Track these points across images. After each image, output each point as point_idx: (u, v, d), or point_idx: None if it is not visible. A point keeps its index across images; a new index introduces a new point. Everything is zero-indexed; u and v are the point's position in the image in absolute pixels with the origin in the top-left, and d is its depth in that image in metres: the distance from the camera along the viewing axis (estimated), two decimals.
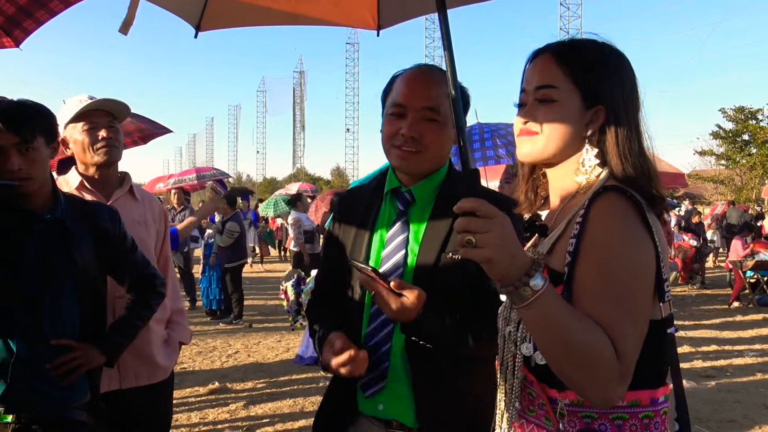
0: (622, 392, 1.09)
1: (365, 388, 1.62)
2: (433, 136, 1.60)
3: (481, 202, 1.03)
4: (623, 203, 1.12)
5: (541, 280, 1.03)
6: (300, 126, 78.94)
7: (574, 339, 1.03)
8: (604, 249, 1.10)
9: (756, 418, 4.82)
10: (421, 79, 1.63)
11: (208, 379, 5.89)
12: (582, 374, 1.05)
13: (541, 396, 1.20)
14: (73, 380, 1.95)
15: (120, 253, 2.13)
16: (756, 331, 8.22)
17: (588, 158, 1.23)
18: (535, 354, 1.18)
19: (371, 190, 1.79)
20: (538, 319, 1.05)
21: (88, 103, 2.28)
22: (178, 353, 2.55)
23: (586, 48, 1.26)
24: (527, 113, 1.26)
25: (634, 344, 1.08)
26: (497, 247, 1.01)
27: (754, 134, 27.44)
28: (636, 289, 1.10)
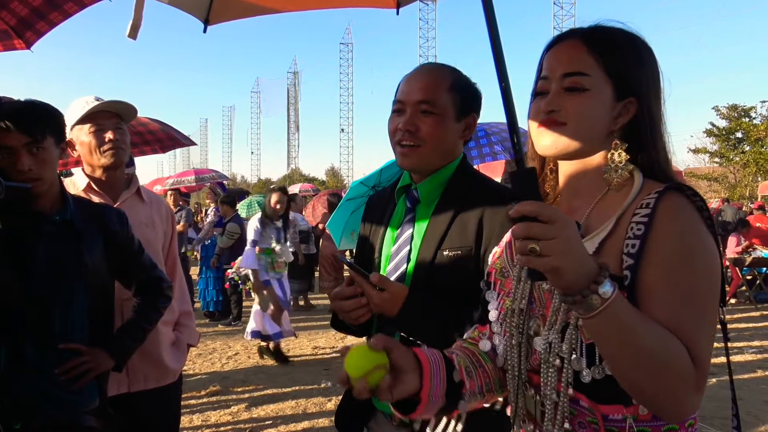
0: (699, 402, 1.01)
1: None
2: (429, 129, 1.60)
3: (542, 205, 0.93)
4: (689, 205, 1.07)
5: (610, 286, 0.94)
6: (294, 126, 78.85)
7: (648, 347, 0.95)
8: (677, 253, 1.03)
9: (759, 415, 4.84)
10: (419, 75, 1.66)
11: (208, 382, 5.86)
12: (657, 385, 0.97)
13: (587, 414, 1.10)
14: (83, 385, 1.93)
15: (128, 256, 2.12)
16: (754, 327, 8.26)
17: (618, 153, 1.16)
18: (591, 369, 1.07)
19: (391, 189, 1.82)
20: (607, 328, 0.95)
21: (94, 105, 2.26)
22: (186, 355, 2.53)
23: (618, 36, 1.18)
24: (552, 102, 1.16)
25: (709, 349, 1.02)
26: (564, 255, 0.91)
27: (747, 132, 27.63)
28: (708, 291, 1.04)
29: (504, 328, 1.22)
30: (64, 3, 2.03)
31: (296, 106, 78.89)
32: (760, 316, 9.07)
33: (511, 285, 1.24)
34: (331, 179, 62.64)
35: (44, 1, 2.00)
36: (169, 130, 6.01)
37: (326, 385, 5.68)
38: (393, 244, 1.70)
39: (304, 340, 7.70)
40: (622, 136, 1.17)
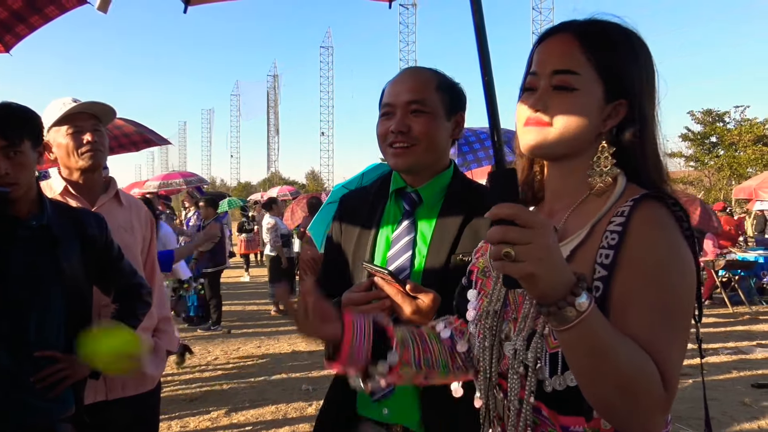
0: (663, 421, 0.99)
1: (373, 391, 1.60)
2: (421, 128, 1.59)
3: (520, 208, 0.88)
4: (667, 214, 1.01)
5: (587, 299, 0.89)
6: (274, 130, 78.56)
7: (619, 365, 0.90)
8: (651, 266, 0.98)
9: (734, 415, 4.91)
10: (406, 77, 1.66)
11: (187, 387, 5.80)
12: (625, 403, 0.93)
13: (548, 424, 1.07)
14: (59, 393, 1.90)
15: (106, 261, 2.09)
16: (730, 329, 8.39)
17: (604, 157, 1.10)
18: (553, 379, 1.03)
19: (375, 190, 1.78)
20: (581, 342, 0.91)
21: (72, 106, 2.22)
22: (166, 362, 2.50)
23: (614, 32, 1.11)
24: (539, 100, 1.10)
25: (679, 369, 0.97)
26: (541, 261, 0.86)
27: (721, 136, 28.12)
28: (683, 310, 0.99)
29: (479, 329, 1.19)
30: (45, 6, 1.99)
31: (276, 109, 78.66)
32: (735, 318, 9.22)
33: (491, 285, 1.21)
34: (312, 183, 62.45)
35: (25, 4, 1.96)
36: (143, 131, 5.94)
37: (307, 389, 5.66)
38: (388, 248, 1.65)
39: (284, 344, 7.66)
40: (610, 138, 1.11)
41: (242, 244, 15.97)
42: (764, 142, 26.60)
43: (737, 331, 8.27)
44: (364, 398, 1.61)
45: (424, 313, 1.41)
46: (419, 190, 1.66)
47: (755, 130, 26.78)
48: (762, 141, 26.59)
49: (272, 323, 9.19)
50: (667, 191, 1.08)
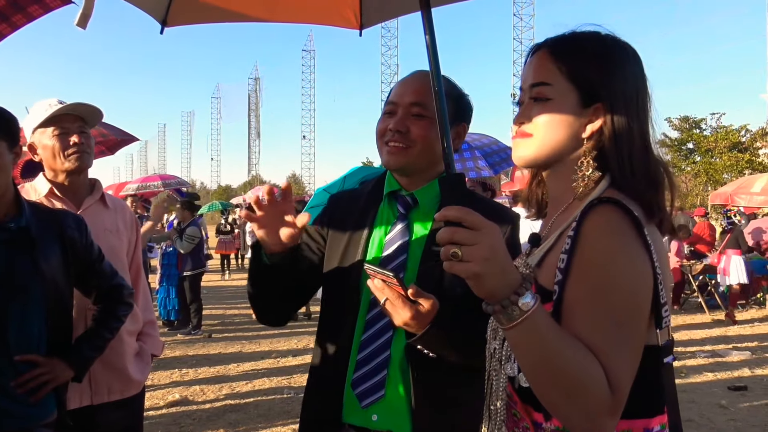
0: (613, 426, 0.98)
1: (361, 397, 1.57)
2: (420, 131, 1.59)
3: (466, 211, 0.94)
4: (619, 218, 1.01)
5: (531, 298, 0.93)
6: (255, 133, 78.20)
7: (564, 366, 0.93)
8: (597, 269, 0.99)
9: (711, 417, 4.99)
10: (413, 79, 1.67)
11: (167, 392, 5.74)
12: (570, 405, 0.95)
13: (525, 419, 1.11)
14: (41, 397, 1.87)
15: (87, 263, 2.06)
16: (706, 332, 8.53)
17: (585, 162, 1.12)
18: (519, 375, 1.08)
19: (367, 192, 1.75)
20: (525, 341, 0.95)
21: (59, 108, 2.20)
22: (150, 366, 2.48)
23: (586, 41, 1.15)
24: (522, 114, 1.17)
25: (629, 375, 0.99)
26: (486, 262, 0.91)
27: (698, 143, 28.59)
28: (632, 314, 1.00)
29: (488, 331, 1.24)
30: (28, 5, 1.96)
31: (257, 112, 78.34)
32: (712, 322, 9.37)
33: None
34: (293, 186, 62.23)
35: (7, 3, 1.93)
36: (110, 135, 5.82)
37: (289, 395, 5.63)
38: (381, 251, 1.62)
39: (266, 348, 7.62)
40: (595, 142, 1.13)
41: (219, 245, 16.38)
42: (740, 148, 27.11)
43: (714, 334, 8.40)
44: (352, 405, 1.59)
45: (422, 318, 1.39)
46: (415, 193, 1.66)
47: (731, 137, 27.28)
48: (737, 148, 27.10)
49: (253, 327, 9.13)
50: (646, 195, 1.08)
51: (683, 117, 30.01)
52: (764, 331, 8.57)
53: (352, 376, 1.58)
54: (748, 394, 5.62)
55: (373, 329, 1.59)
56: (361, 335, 1.60)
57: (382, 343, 1.57)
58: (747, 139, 27.57)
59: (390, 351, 1.56)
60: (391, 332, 1.56)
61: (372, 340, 1.59)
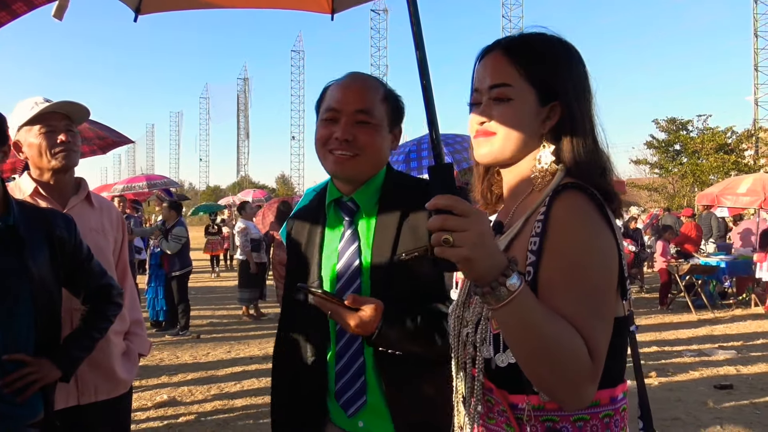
0: (594, 391, 1.07)
1: (346, 407, 1.59)
2: (366, 138, 1.59)
3: (456, 199, 0.98)
4: (584, 200, 1.11)
5: (517, 279, 0.99)
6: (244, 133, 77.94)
7: (549, 339, 1.01)
8: (569, 247, 1.08)
9: (698, 416, 5.03)
10: (354, 85, 1.64)
11: (155, 393, 5.71)
12: (556, 375, 1.02)
13: (501, 403, 1.17)
14: (27, 397, 1.86)
15: (76, 263, 2.05)
16: (692, 332, 8.60)
17: (544, 155, 1.21)
18: (496, 357, 1.14)
19: (315, 205, 1.77)
20: (513, 319, 1.01)
21: (45, 106, 2.18)
22: (138, 365, 2.46)
23: (538, 43, 1.23)
24: (483, 113, 1.23)
25: (605, 342, 1.07)
26: (476, 246, 0.96)
27: (684, 144, 28.79)
28: (603, 286, 1.09)
29: (452, 319, 1.29)
30: (13, 3, 1.94)
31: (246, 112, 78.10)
32: (698, 321, 9.45)
33: None
34: (282, 187, 62.08)
35: None
36: (105, 135, 5.79)
37: None
38: (338, 261, 1.63)
39: (254, 348, 7.60)
40: (552, 137, 1.22)
41: (207, 245, 16.86)
42: (726, 150, 27.33)
43: (700, 334, 8.48)
44: (338, 414, 1.62)
45: (368, 322, 1.43)
46: (354, 197, 1.65)
47: (717, 138, 27.49)
48: (723, 149, 27.31)
49: (242, 328, 9.11)
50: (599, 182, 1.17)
51: (670, 119, 30.24)
52: (749, 330, 8.66)
53: (334, 388, 1.61)
54: (733, 392, 5.67)
55: (344, 339, 1.61)
56: (336, 346, 1.62)
57: (355, 351, 1.59)
58: (733, 141, 27.80)
59: (363, 357, 1.59)
60: (360, 339, 1.57)
61: (345, 349, 1.61)
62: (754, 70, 35.66)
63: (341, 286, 1.60)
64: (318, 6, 2.22)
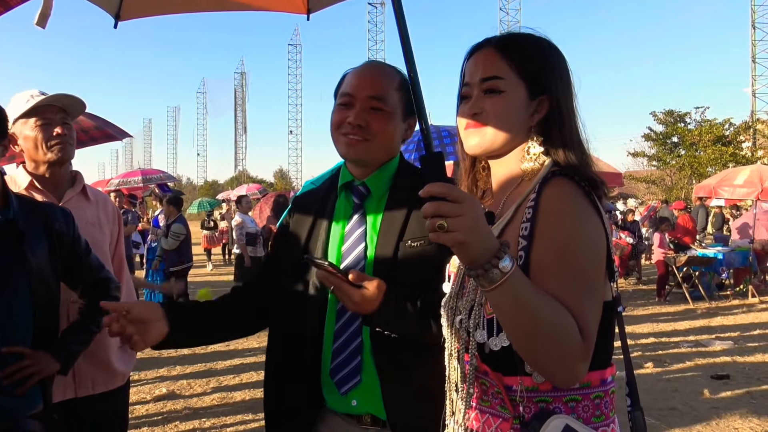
0: (585, 369, 1.11)
1: (340, 385, 1.61)
2: (379, 125, 1.61)
3: (449, 186, 1.02)
4: (572, 187, 1.16)
5: (509, 261, 1.03)
6: (242, 128, 77.81)
7: (542, 319, 1.04)
8: (559, 231, 1.12)
9: (695, 406, 5.06)
10: (369, 72, 1.68)
11: (154, 387, 5.73)
12: (550, 354, 1.06)
13: (495, 385, 1.20)
14: (26, 389, 1.87)
15: (74, 257, 2.06)
16: (690, 323, 8.64)
17: (533, 146, 1.26)
18: (490, 341, 1.17)
19: (326, 187, 1.80)
20: (506, 300, 1.04)
21: (41, 99, 2.18)
22: (135, 358, 2.47)
23: (527, 41, 1.30)
24: (474, 105, 1.27)
25: (595, 322, 1.11)
26: (470, 231, 1.00)
27: (682, 137, 28.76)
28: (592, 268, 1.13)
29: (445, 310, 1.32)
30: None
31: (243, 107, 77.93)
32: (695, 312, 9.49)
33: None
34: (280, 181, 62.03)
35: None
36: (104, 126, 5.81)
37: None
38: (342, 242, 1.66)
39: (253, 342, 7.61)
40: (539, 130, 1.27)
41: (204, 239, 17.21)
42: (723, 142, 27.32)
43: (697, 325, 8.52)
44: (332, 392, 1.63)
45: (370, 300, 1.46)
46: (366, 182, 1.68)
47: (715, 130, 27.46)
48: (721, 141, 27.30)
49: None
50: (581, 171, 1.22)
51: (668, 111, 30.18)
52: (746, 321, 8.70)
53: (329, 365, 1.62)
54: (730, 382, 5.71)
55: (344, 318, 1.62)
56: (334, 325, 1.63)
57: (354, 330, 1.61)
58: (731, 133, 27.78)
59: (362, 337, 1.60)
60: (360, 318, 1.59)
61: (345, 328, 1.62)
62: (752, 62, 35.66)
63: (346, 267, 1.62)
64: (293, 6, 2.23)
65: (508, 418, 1.18)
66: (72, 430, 2.16)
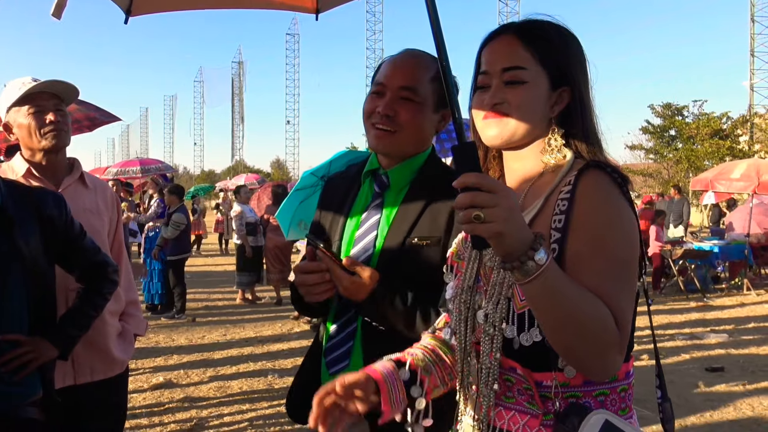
0: (620, 361, 1.10)
1: (330, 365, 1.65)
2: (408, 116, 1.60)
3: (483, 176, 0.99)
4: (607, 179, 1.14)
5: (545, 254, 0.99)
6: (239, 117, 77.56)
7: (578, 311, 1.02)
8: (596, 222, 1.11)
9: (689, 398, 5.09)
10: (403, 61, 1.66)
11: (151, 376, 5.75)
12: (586, 346, 1.04)
13: (523, 381, 1.17)
14: (24, 376, 1.86)
15: (68, 240, 2.04)
16: (685, 316, 8.67)
17: (554, 138, 1.24)
18: (521, 336, 1.14)
19: (354, 173, 1.80)
20: (542, 293, 1.01)
21: (33, 85, 2.15)
22: (134, 345, 2.47)
23: (549, 29, 1.25)
24: (495, 95, 1.23)
25: (630, 313, 1.11)
26: (506, 221, 0.97)
27: (680, 130, 28.80)
28: (628, 259, 1.12)
29: (455, 305, 1.28)
30: None
31: (241, 96, 77.63)
32: (691, 305, 9.53)
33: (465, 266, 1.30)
34: (277, 171, 61.91)
35: None
36: (90, 111, 5.77)
37: (273, 377, 5.66)
38: (357, 228, 1.67)
39: (250, 332, 7.63)
40: (558, 122, 1.25)
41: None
42: (720, 135, 27.35)
43: (692, 317, 8.55)
44: (324, 372, 1.67)
45: (360, 287, 1.48)
46: (389, 172, 1.68)
47: (712, 124, 27.49)
48: (718, 135, 27.32)
49: (238, 311, 9.14)
50: (605, 162, 1.20)
51: (666, 104, 30.20)
52: (741, 314, 8.74)
53: (326, 344, 1.67)
54: (724, 375, 5.74)
55: (344, 301, 1.64)
56: (336, 308, 1.67)
57: (351, 315, 1.63)
58: (728, 126, 27.82)
59: (357, 323, 1.63)
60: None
61: (343, 312, 1.65)
62: (751, 56, 35.64)
63: (354, 254, 1.64)
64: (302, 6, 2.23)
65: (537, 414, 1.16)
66: (71, 417, 2.16)
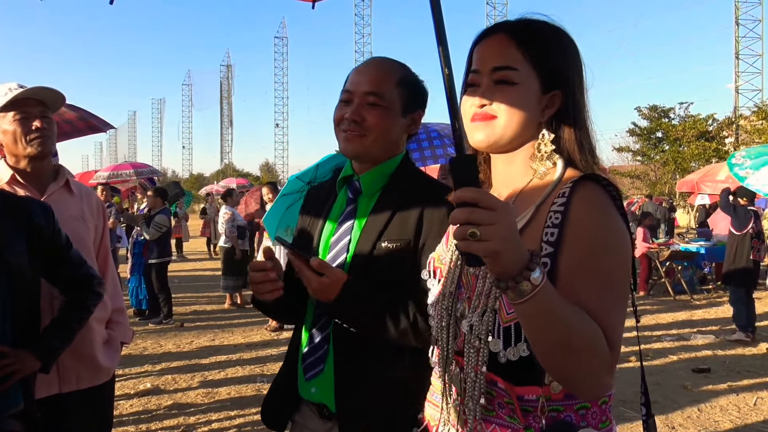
0: (611, 380, 1.08)
1: (306, 370, 1.66)
2: (374, 120, 1.62)
3: (482, 192, 0.94)
4: (602, 193, 1.11)
5: (540, 273, 0.95)
6: (228, 121, 77.27)
7: (571, 330, 0.99)
8: (590, 240, 1.07)
9: (676, 399, 5.13)
10: (368, 68, 1.69)
11: (138, 382, 5.70)
12: (579, 366, 1.02)
13: (504, 395, 1.15)
14: (6, 388, 1.84)
15: (54, 252, 2.02)
16: (672, 316, 8.75)
17: (544, 144, 1.19)
18: (507, 350, 1.11)
19: (333, 180, 1.83)
20: (535, 313, 0.98)
21: (19, 92, 2.14)
22: (120, 353, 2.46)
23: (543, 29, 1.21)
24: (484, 96, 1.18)
25: (621, 332, 1.08)
26: (504, 240, 0.92)
27: (666, 132, 29.07)
28: (622, 279, 1.10)
29: (437, 310, 1.26)
30: None
31: (229, 99, 77.38)
32: (678, 306, 9.60)
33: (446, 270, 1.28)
34: (266, 174, 61.68)
35: None
36: (87, 117, 5.76)
37: (262, 383, 5.63)
38: (332, 234, 1.70)
39: (238, 337, 7.60)
40: (548, 127, 1.20)
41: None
42: (707, 137, 27.61)
43: (679, 318, 8.62)
44: (301, 378, 1.69)
45: (328, 288, 1.50)
46: (361, 177, 1.71)
47: (698, 126, 27.75)
48: (704, 137, 27.59)
49: (226, 316, 9.09)
50: (599, 173, 1.17)
51: (652, 106, 30.48)
52: (728, 315, 8.78)
53: (303, 349, 1.69)
54: (711, 375, 5.79)
55: (320, 309, 1.66)
56: (314, 312, 1.69)
57: (326, 320, 1.65)
58: (714, 128, 28.10)
59: (330, 328, 1.64)
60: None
61: (320, 316, 1.67)
62: (735, 58, 35.96)
63: (329, 259, 1.66)
64: None
65: (518, 428, 1.13)
66: (56, 427, 2.14)
